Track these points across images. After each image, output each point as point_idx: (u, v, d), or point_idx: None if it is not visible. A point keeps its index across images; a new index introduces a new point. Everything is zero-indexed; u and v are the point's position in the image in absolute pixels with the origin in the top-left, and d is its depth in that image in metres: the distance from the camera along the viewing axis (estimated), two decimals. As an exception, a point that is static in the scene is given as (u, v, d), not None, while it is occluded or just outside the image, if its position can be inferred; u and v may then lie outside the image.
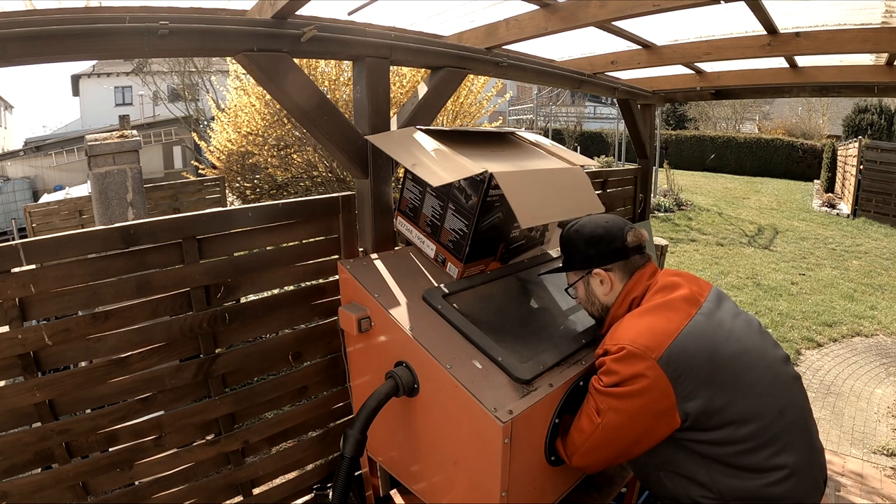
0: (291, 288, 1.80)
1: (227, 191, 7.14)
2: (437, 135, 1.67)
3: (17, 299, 1.30)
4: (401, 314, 1.48)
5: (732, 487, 1.23)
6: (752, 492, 1.22)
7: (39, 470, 1.42)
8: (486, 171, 1.50)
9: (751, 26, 2.22)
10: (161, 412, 1.58)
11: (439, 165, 1.49)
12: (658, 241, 3.76)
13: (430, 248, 1.74)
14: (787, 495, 1.21)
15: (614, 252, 1.42)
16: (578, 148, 15.63)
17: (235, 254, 1.66)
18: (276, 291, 1.83)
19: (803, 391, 1.35)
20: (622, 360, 1.22)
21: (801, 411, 1.30)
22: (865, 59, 2.60)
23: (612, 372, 1.24)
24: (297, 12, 1.48)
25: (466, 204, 1.61)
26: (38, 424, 1.38)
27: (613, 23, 2.07)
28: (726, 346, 1.25)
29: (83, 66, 25.71)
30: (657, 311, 1.30)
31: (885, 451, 3.40)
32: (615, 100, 4.22)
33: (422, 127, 1.72)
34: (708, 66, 3.00)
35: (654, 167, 12.31)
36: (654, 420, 1.23)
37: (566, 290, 1.56)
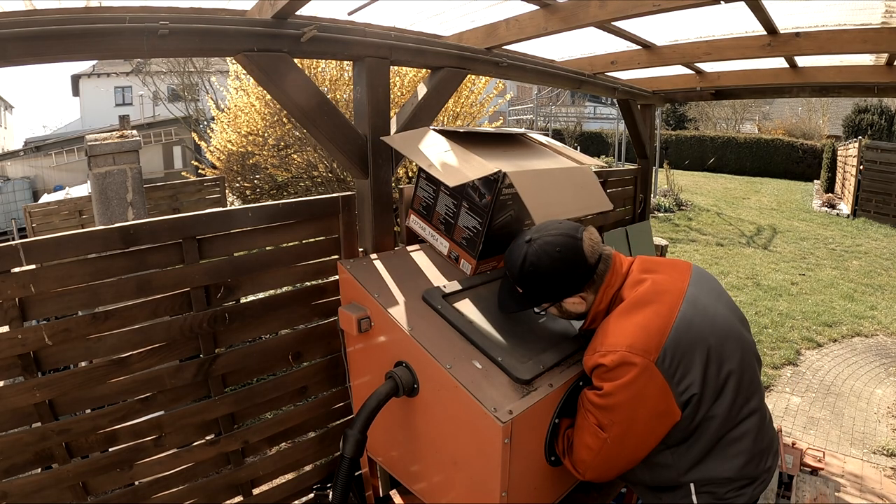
0: (291, 288, 1.80)
1: (227, 191, 7.14)
2: (451, 135, 1.70)
3: (17, 299, 1.30)
4: (400, 314, 1.48)
5: (694, 469, 1.29)
6: (710, 472, 1.28)
7: (39, 470, 1.42)
8: (499, 171, 1.53)
9: (751, 26, 2.22)
10: (161, 412, 1.58)
11: (454, 166, 1.52)
12: (658, 241, 3.76)
13: (443, 246, 1.77)
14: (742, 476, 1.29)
15: (581, 278, 1.34)
16: (578, 148, 15.58)
17: (235, 254, 1.66)
18: (276, 291, 1.83)
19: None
20: (617, 370, 1.20)
21: (762, 399, 1.36)
22: (865, 60, 2.60)
23: (608, 383, 1.22)
24: (297, 12, 1.48)
25: (480, 202, 1.63)
26: (38, 424, 1.38)
27: (613, 23, 2.07)
28: (711, 336, 1.27)
29: (83, 66, 25.71)
30: (644, 307, 1.28)
31: (885, 452, 3.40)
32: (615, 100, 4.21)
33: (435, 128, 1.74)
34: (708, 66, 3.00)
35: (654, 167, 12.31)
36: (658, 420, 1.24)
37: (535, 311, 1.45)
